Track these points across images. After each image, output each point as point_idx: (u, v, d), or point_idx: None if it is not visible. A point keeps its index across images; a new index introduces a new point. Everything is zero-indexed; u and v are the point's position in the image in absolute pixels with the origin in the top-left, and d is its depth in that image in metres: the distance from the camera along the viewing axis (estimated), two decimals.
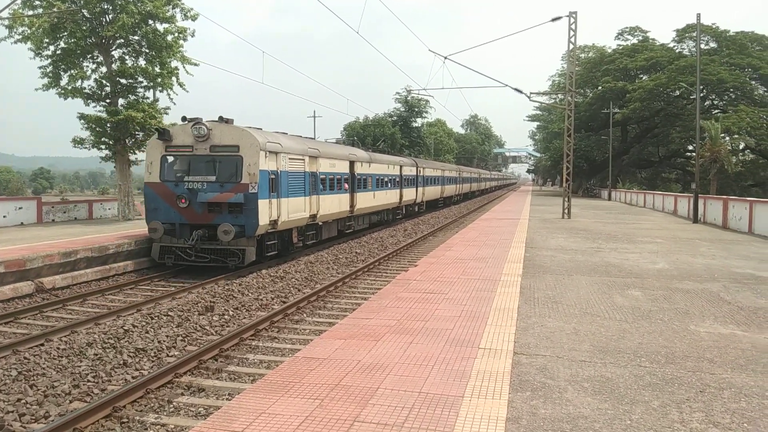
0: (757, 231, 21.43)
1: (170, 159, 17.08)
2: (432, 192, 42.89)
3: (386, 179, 30.16)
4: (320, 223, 21.05)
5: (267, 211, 16.55)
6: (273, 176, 16.95)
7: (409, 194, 35.48)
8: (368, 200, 26.85)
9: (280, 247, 18.10)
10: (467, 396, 5.45)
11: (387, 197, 30.15)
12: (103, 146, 24.21)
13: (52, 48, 22.83)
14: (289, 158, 18.20)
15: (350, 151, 25.58)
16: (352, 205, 24.39)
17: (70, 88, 23.10)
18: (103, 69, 23.92)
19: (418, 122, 77.83)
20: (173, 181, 16.64)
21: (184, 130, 16.72)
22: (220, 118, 16.97)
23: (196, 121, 16.38)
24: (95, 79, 23.99)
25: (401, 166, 33.63)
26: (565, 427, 4.81)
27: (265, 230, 16.65)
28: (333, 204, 22.04)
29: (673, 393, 5.57)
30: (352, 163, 24.65)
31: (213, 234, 15.92)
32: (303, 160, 19.31)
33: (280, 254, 18.25)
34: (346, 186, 23.74)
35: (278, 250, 17.92)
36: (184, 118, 17.12)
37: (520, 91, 29.32)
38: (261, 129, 18.14)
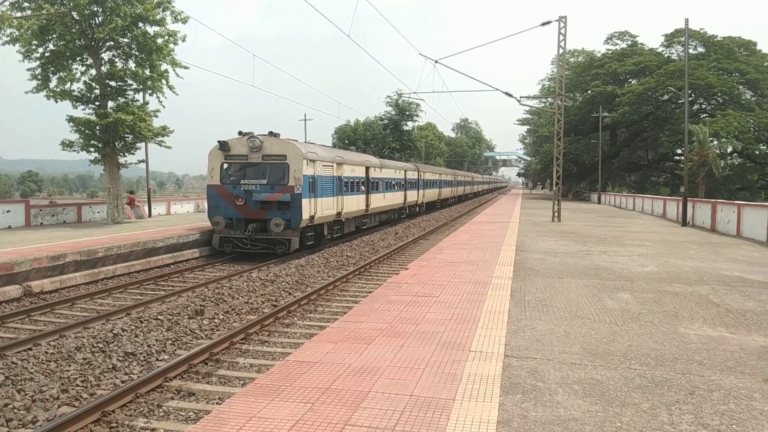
0: (745, 234, 21.60)
1: (227, 166, 20.39)
2: (431, 194, 46.20)
3: (393, 182, 33.48)
4: (344, 220, 24.62)
5: (308, 208, 20.20)
6: (311, 180, 20.56)
7: (412, 196, 38.61)
8: (380, 201, 30.22)
9: (314, 239, 21.53)
10: (458, 399, 5.45)
11: (394, 198, 33.62)
12: (92, 149, 24.04)
13: (41, 50, 22.67)
14: (323, 165, 21.78)
15: (366, 158, 29.24)
16: (367, 205, 27.81)
17: (59, 90, 22.93)
18: (93, 71, 23.78)
19: (409, 126, 77.86)
20: (231, 183, 20.12)
21: (240, 142, 20.20)
22: (270, 132, 20.53)
23: (251, 135, 20.06)
24: (84, 82, 23.88)
25: (405, 171, 36.89)
26: (555, 430, 4.82)
27: (305, 224, 20.28)
28: (353, 203, 25.62)
29: (663, 395, 5.60)
30: (367, 169, 27.99)
31: (264, 227, 19.72)
32: (332, 166, 22.97)
33: (315, 245, 21.67)
34: (363, 188, 27.20)
35: (314, 241, 21.46)
36: (240, 132, 20.46)
37: (510, 95, 29.47)
38: (297, 140, 21.86)
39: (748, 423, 4.98)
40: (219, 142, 20.44)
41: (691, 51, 51.83)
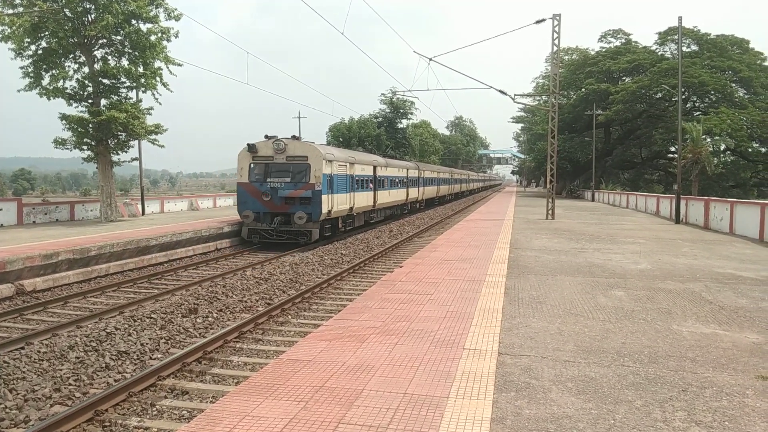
0: (738, 231, 21.71)
1: (254, 166, 22.65)
2: (430, 191, 48.51)
3: (397, 180, 35.82)
4: (355, 214, 27.07)
5: (326, 203, 22.55)
6: (329, 178, 22.85)
7: (413, 193, 40.97)
8: (386, 197, 32.58)
9: (331, 231, 24.00)
10: (452, 397, 5.45)
11: (398, 195, 36.07)
12: (85, 147, 23.95)
13: (33, 48, 22.54)
14: (338, 164, 24.09)
15: (373, 158, 31.85)
16: (374, 201, 30.05)
17: (51, 88, 22.81)
18: (86, 69, 23.64)
19: (404, 123, 77.83)
20: (258, 181, 22.42)
21: (266, 145, 22.60)
22: (293, 136, 23.26)
23: (276, 138, 22.54)
24: (77, 80, 23.74)
25: (408, 169, 39.22)
26: (549, 427, 4.83)
27: (324, 217, 22.57)
28: (363, 199, 27.98)
29: (656, 392, 5.62)
30: (374, 168, 30.22)
31: (288, 220, 22.03)
32: (345, 165, 25.28)
33: (331, 236, 24.05)
34: (371, 186, 29.49)
35: (330, 233, 23.87)
36: (266, 136, 22.89)
37: (505, 93, 29.44)
38: (314, 142, 24.48)
39: (740, 420, 5.00)
40: (248, 144, 22.70)
41: (684, 49, 51.96)
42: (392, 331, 7.82)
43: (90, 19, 22.62)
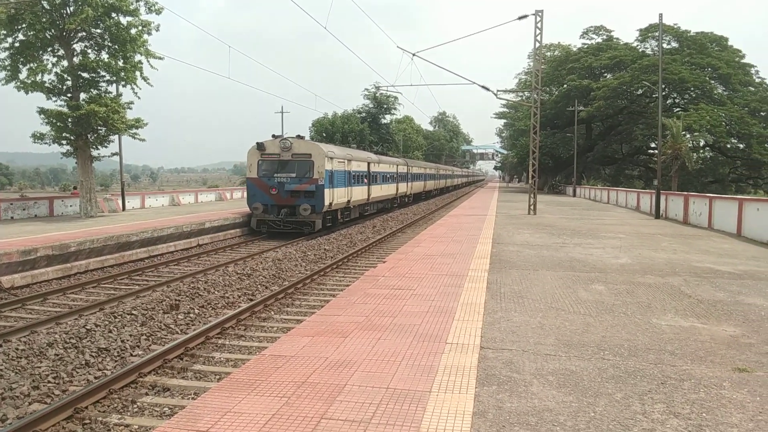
0: (716, 226, 22.01)
1: (262, 162, 24.82)
2: (418, 186, 51.19)
3: (388, 176, 38.13)
4: (352, 207, 29.45)
5: (328, 197, 24.72)
6: (330, 174, 24.98)
7: (403, 188, 43.51)
8: (378, 191, 34.99)
9: (331, 221, 26.36)
10: (434, 391, 5.47)
11: (389, 189, 38.42)
12: (64, 141, 23.56)
13: (9, 40, 22.14)
14: (337, 161, 26.32)
15: (367, 155, 34.28)
16: (368, 195, 32.37)
17: (29, 81, 22.41)
18: (65, 62, 23.28)
19: (387, 119, 77.84)
20: (266, 176, 24.56)
21: (273, 143, 24.86)
22: (298, 135, 25.52)
23: (282, 138, 24.92)
24: (56, 73, 23.37)
25: (397, 165, 41.59)
26: (530, 420, 4.86)
27: (326, 209, 24.77)
28: (359, 193, 30.24)
29: (636, 385, 5.68)
30: (368, 164, 32.59)
31: (293, 211, 24.16)
32: (344, 162, 27.44)
33: (332, 226, 26.37)
34: (365, 181, 31.76)
35: (331, 223, 26.29)
36: (273, 135, 25.36)
37: (487, 89, 29.56)
38: (320, 143, 27.36)
39: (717, 411, 5.08)
40: (257, 143, 24.93)
41: (665, 46, 52.51)
42: (375, 326, 7.82)
43: (69, 11, 22.26)
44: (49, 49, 23.02)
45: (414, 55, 27.32)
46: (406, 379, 5.80)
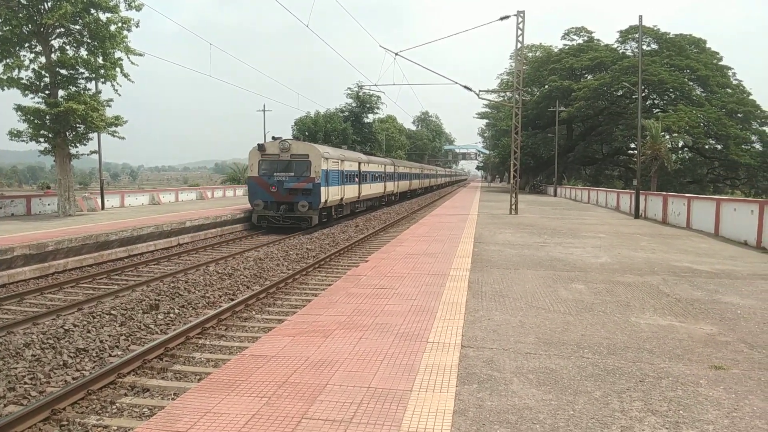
0: (694, 226, 22.31)
1: (262, 162, 26.57)
2: (403, 185, 52.97)
3: (377, 175, 39.96)
4: (344, 204, 31.17)
5: (324, 194, 26.47)
6: (326, 173, 26.74)
7: (390, 186, 45.37)
8: (368, 189, 36.82)
9: (327, 217, 28.21)
10: (415, 390, 5.48)
11: (378, 188, 40.28)
12: (41, 139, 23.19)
13: None
14: (332, 161, 28.01)
15: (358, 155, 36.13)
16: (359, 193, 34.09)
17: (5, 78, 22.00)
18: (42, 59, 22.91)
19: (370, 118, 77.75)
20: (266, 175, 26.35)
21: (273, 144, 26.85)
22: (295, 137, 28.29)
23: (281, 139, 26.86)
24: (33, 70, 22.98)
25: (385, 165, 43.59)
26: (510, 419, 4.90)
27: (322, 206, 26.64)
28: (351, 191, 31.96)
29: (615, 383, 5.74)
30: (359, 164, 34.32)
31: (292, 208, 25.86)
32: (338, 162, 29.17)
33: (327, 222, 28.23)
34: (357, 180, 33.40)
35: (326, 219, 28.16)
36: (273, 137, 27.68)
37: (470, 89, 29.68)
38: (316, 144, 29.27)
39: (694, 408, 5.16)
40: (258, 144, 26.86)
41: (644, 48, 53.08)
42: (357, 325, 7.82)
43: (47, 6, 21.92)
44: (26, 45, 22.63)
45: (396, 54, 27.36)
46: (388, 378, 5.81)
